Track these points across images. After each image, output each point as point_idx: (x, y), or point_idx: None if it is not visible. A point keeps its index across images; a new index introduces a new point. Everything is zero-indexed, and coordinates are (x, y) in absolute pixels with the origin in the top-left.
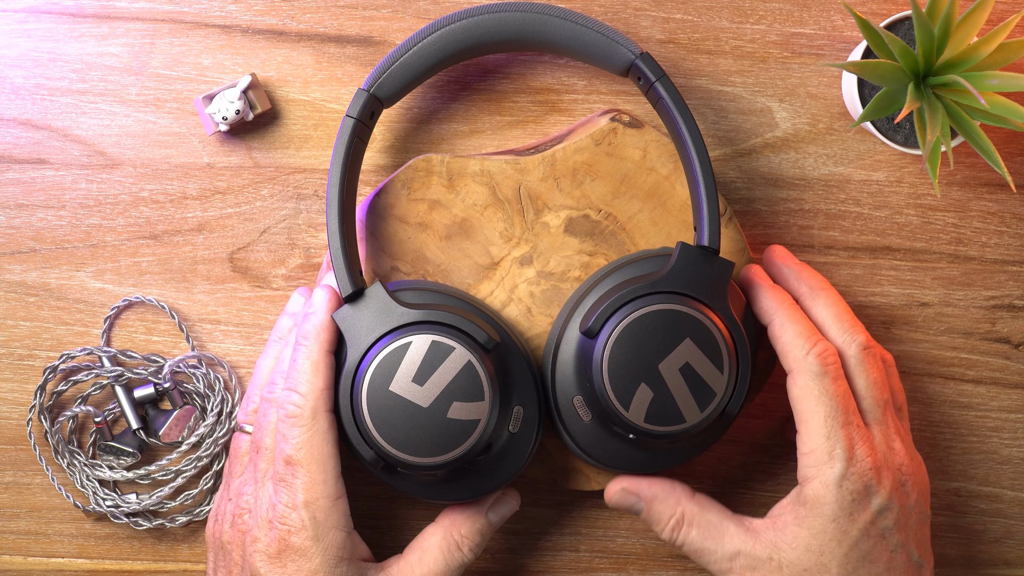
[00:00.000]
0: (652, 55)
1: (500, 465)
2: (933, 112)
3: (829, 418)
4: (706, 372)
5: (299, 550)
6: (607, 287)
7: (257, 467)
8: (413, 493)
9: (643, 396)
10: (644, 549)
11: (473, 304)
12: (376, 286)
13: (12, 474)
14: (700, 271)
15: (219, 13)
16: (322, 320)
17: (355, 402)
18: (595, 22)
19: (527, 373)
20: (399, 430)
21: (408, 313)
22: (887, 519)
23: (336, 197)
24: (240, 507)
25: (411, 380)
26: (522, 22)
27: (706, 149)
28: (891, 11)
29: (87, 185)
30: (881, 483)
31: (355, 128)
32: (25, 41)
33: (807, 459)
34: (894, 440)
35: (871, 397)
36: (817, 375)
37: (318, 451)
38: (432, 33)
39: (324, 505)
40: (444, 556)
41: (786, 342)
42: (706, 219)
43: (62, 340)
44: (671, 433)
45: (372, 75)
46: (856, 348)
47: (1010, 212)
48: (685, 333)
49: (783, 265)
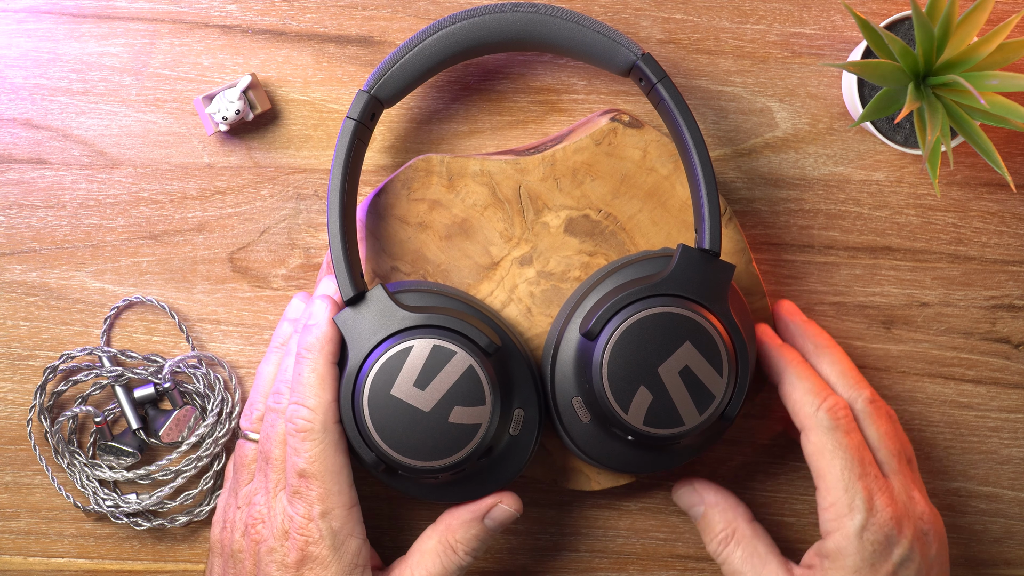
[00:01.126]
0: (653, 55)
1: (500, 467)
2: (933, 112)
3: (846, 470)
4: (705, 375)
5: (317, 559)
6: (607, 288)
7: (268, 477)
8: (413, 494)
9: (642, 399)
10: (644, 549)
11: (474, 306)
12: (377, 289)
13: (12, 474)
14: (700, 274)
15: (219, 13)
16: (324, 332)
17: (356, 406)
18: (596, 22)
19: (528, 375)
20: (400, 434)
21: (409, 316)
22: (908, 570)
23: (337, 200)
24: (253, 517)
25: (412, 384)
26: (523, 23)
27: (707, 151)
28: (891, 11)
29: (87, 185)
30: (902, 533)
31: (356, 130)
32: (25, 41)
33: (827, 513)
34: (912, 490)
35: (885, 448)
36: (829, 429)
37: (331, 463)
38: (433, 34)
39: (340, 514)
40: (441, 559)
41: (796, 399)
42: (707, 222)
43: (62, 340)
44: (670, 436)
45: (373, 76)
46: (863, 403)
47: (1010, 212)
48: (685, 336)
49: (790, 322)
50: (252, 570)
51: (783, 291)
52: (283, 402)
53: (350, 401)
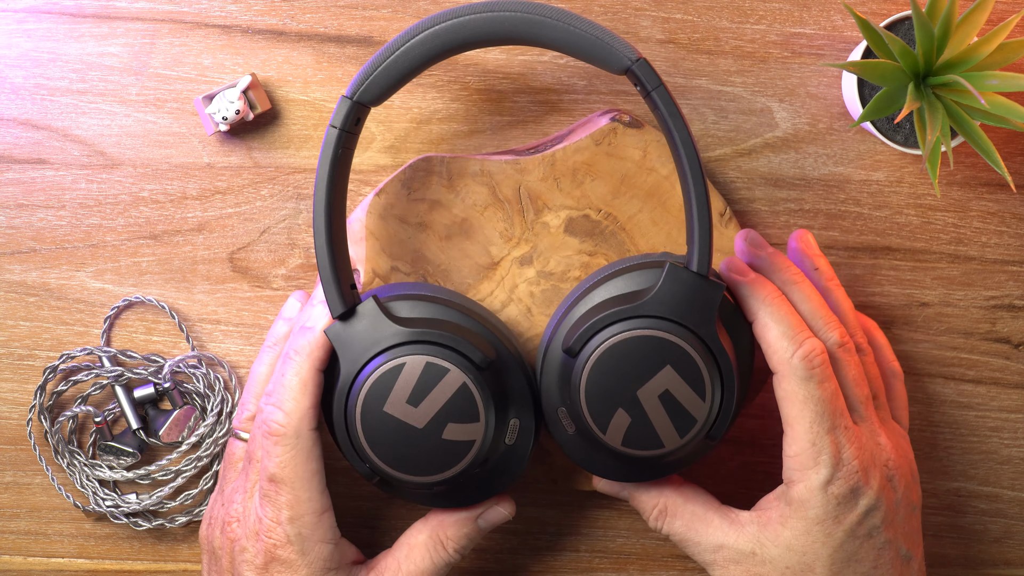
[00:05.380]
0: (651, 57)
1: (496, 477)
2: (933, 112)
3: (815, 423)
4: (686, 399)
5: (285, 562)
6: (596, 300)
7: (248, 477)
8: (408, 499)
9: (620, 421)
10: (644, 549)
11: (469, 313)
12: (369, 302)
13: (12, 474)
14: (687, 294)
15: (219, 13)
16: (316, 338)
17: (349, 421)
18: (590, 24)
19: (523, 384)
20: (394, 450)
21: (401, 332)
22: (874, 518)
23: (323, 213)
24: (230, 515)
25: (405, 402)
26: (513, 22)
27: (700, 162)
28: (891, 11)
29: (87, 185)
30: (868, 483)
31: (340, 139)
32: (25, 41)
33: (792, 462)
34: (879, 435)
35: (853, 395)
36: (803, 379)
37: (302, 469)
38: (418, 34)
39: (310, 521)
40: (430, 554)
41: (770, 342)
42: (696, 242)
43: (62, 340)
44: (649, 457)
45: (355, 81)
46: (832, 346)
47: (1010, 212)
48: (665, 360)
49: (755, 254)
50: (229, 568)
51: None
52: None
53: (343, 416)
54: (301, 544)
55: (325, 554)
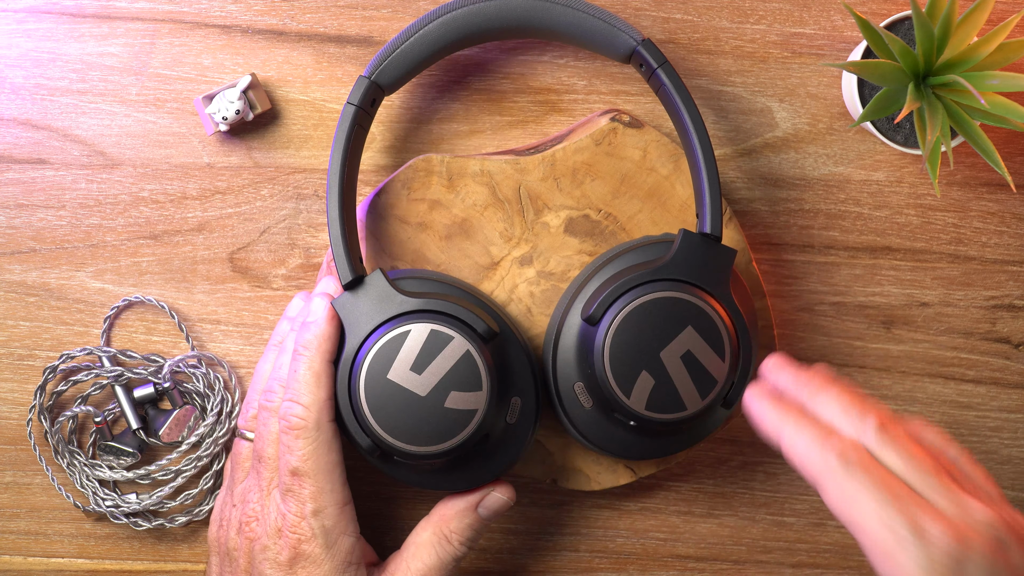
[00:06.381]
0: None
1: (496, 456)
2: (933, 112)
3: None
4: (707, 360)
5: (310, 557)
6: (609, 274)
7: (261, 475)
8: (408, 481)
9: (644, 383)
10: (644, 549)
11: (473, 294)
12: (376, 274)
13: (12, 474)
14: (702, 258)
15: (219, 13)
16: (323, 330)
17: (353, 390)
18: (597, 9)
19: (526, 365)
20: (396, 418)
21: (407, 301)
22: None
23: (336, 184)
24: (247, 515)
25: (409, 369)
26: (524, 8)
27: (708, 135)
28: (891, 11)
29: (87, 185)
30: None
31: (356, 115)
32: (25, 41)
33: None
34: (964, 499)
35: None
36: (845, 473)
37: (324, 461)
38: (434, 19)
39: (333, 513)
40: (436, 550)
41: (800, 453)
42: (708, 206)
43: (62, 340)
44: (672, 420)
45: (373, 62)
46: (872, 433)
47: (1010, 212)
48: (687, 321)
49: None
50: (247, 568)
51: (783, 291)
52: (275, 400)
53: (347, 385)
54: (325, 537)
55: (347, 547)
